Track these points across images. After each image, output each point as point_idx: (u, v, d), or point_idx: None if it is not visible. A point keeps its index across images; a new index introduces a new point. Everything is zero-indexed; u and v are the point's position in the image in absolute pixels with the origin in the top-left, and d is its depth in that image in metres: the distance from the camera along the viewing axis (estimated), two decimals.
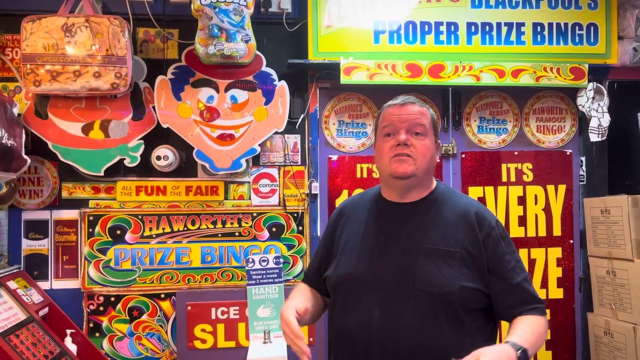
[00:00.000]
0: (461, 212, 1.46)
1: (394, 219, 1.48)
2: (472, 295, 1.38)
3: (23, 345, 2.10)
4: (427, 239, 1.41)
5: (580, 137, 3.05)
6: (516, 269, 1.42)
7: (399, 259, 1.41)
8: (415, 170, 1.43)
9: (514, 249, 1.46)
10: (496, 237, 1.42)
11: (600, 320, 2.83)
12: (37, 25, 2.40)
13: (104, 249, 2.69)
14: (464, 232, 1.42)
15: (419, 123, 1.45)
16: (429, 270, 1.37)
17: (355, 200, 1.64)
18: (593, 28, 2.89)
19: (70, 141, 2.61)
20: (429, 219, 1.45)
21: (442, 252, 1.39)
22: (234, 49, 2.49)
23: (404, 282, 1.37)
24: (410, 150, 1.43)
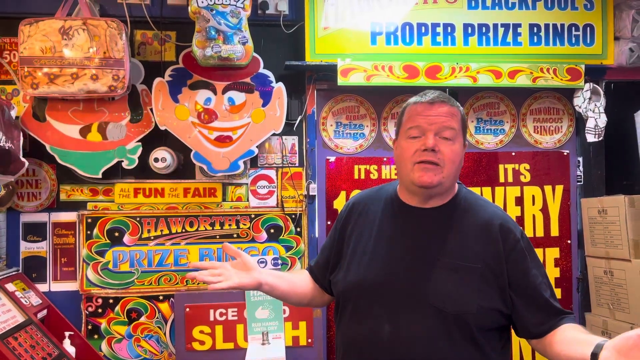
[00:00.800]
0: (484, 221, 1.34)
1: (410, 225, 1.37)
2: (489, 315, 1.29)
3: (21, 348, 2.10)
4: (445, 250, 1.30)
5: (577, 137, 3.06)
6: (542, 285, 1.31)
7: (413, 270, 1.30)
8: (442, 179, 1.30)
9: (539, 263, 1.35)
10: (521, 250, 1.31)
11: (598, 321, 2.83)
12: (34, 28, 2.41)
13: (102, 251, 2.69)
14: (486, 245, 1.31)
15: (448, 126, 1.31)
16: (446, 286, 1.27)
17: (369, 197, 1.51)
18: (589, 29, 2.90)
19: (68, 144, 2.62)
20: (449, 228, 1.34)
21: (461, 267, 1.28)
22: (231, 51, 2.49)
23: (417, 297, 1.27)
24: (438, 157, 1.29)
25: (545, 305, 1.30)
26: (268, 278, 1.39)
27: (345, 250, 1.44)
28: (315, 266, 1.58)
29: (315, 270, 1.57)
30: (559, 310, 1.31)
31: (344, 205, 1.55)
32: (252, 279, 1.35)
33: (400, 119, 1.41)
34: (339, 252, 1.47)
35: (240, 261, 1.38)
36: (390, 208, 1.42)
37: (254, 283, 1.35)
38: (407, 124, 1.35)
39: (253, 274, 1.36)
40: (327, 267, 1.51)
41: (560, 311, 1.31)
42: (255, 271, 1.36)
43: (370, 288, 1.33)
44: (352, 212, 1.49)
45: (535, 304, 1.30)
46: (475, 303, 1.26)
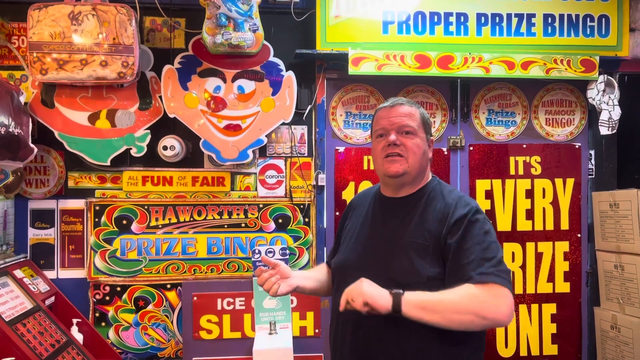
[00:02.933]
0: (443, 206, 1.50)
1: (385, 213, 1.59)
2: (438, 284, 1.38)
3: (30, 334, 2.10)
4: (408, 232, 1.50)
5: (589, 130, 3.02)
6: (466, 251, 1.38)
7: (381, 249, 1.52)
8: (407, 168, 1.51)
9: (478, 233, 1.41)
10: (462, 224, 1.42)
11: (607, 315, 2.82)
12: (43, 13, 2.39)
13: (110, 238, 2.69)
14: (440, 225, 1.46)
15: (407, 124, 1.53)
16: (402, 261, 1.46)
17: (364, 194, 1.76)
18: (604, 20, 2.85)
19: (76, 130, 2.60)
20: (413, 213, 1.53)
21: (416, 244, 1.46)
22: (242, 38, 2.47)
23: (379, 272, 1.46)
24: (401, 149, 1.51)
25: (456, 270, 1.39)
26: (300, 281, 1.60)
27: (342, 239, 1.70)
28: (329, 258, 1.80)
29: (329, 258, 1.81)
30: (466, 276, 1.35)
31: (350, 202, 1.79)
32: (290, 286, 1.56)
33: (371, 125, 1.65)
34: (339, 242, 1.72)
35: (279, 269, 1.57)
36: (374, 200, 1.66)
37: (292, 289, 1.57)
38: (374, 127, 1.60)
39: (291, 280, 1.56)
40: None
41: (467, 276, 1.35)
42: (292, 278, 1.57)
43: (348, 267, 1.57)
44: (350, 208, 1.75)
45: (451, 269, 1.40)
46: (425, 274, 1.42)
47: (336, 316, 1.59)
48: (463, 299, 1.32)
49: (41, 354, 2.06)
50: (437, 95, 2.92)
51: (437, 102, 2.92)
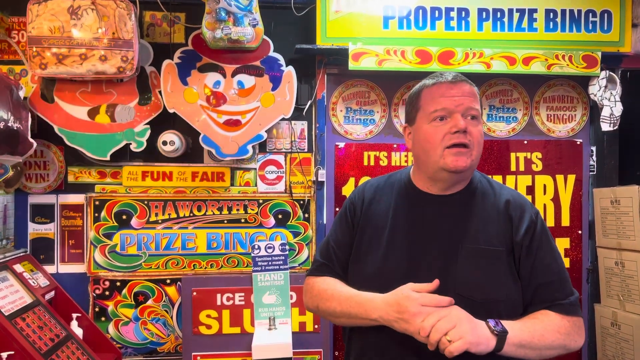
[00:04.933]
0: (502, 204, 1.32)
1: (429, 212, 1.32)
2: (517, 301, 1.27)
3: (29, 329, 2.10)
4: (468, 236, 1.27)
5: (591, 126, 3.01)
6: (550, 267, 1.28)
7: (436, 259, 1.26)
8: (473, 162, 1.27)
9: (552, 246, 1.32)
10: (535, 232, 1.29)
11: (607, 312, 2.81)
12: (42, 7, 2.38)
13: (110, 233, 2.69)
14: (505, 227, 1.29)
15: (473, 106, 1.27)
16: (472, 273, 1.24)
17: (379, 186, 1.45)
18: (607, 15, 2.83)
19: (76, 125, 2.60)
20: (469, 213, 1.30)
21: (486, 251, 1.25)
22: (241, 33, 2.45)
23: (443, 287, 1.20)
24: (469, 139, 1.25)
25: (538, 289, 1.27)
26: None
27: (358, 243, 1.38)
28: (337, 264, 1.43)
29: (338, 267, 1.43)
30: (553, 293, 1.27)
31: (353, 196, 1.48)
32: None
33: (416, 103, 1.34)
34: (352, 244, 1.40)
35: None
36: (404, 196, 1.37)
37: None
38: (429, 106, 1.29)
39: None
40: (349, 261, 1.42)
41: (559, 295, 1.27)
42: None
43: (391, 280, 1.25)
44: (363, 202, 1.42)
45: (530, 285, 1.28)
46: (504, 290, 1.24)
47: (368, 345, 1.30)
48: (557, 335, 1.23)
49: (40, 348, 2.06)
50: None
51: None
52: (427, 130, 1.29)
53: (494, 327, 1.13)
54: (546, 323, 1.23)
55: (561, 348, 1.25)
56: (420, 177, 1.37)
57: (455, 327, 1.09)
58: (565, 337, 1.25)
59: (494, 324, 1.14)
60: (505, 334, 1.14)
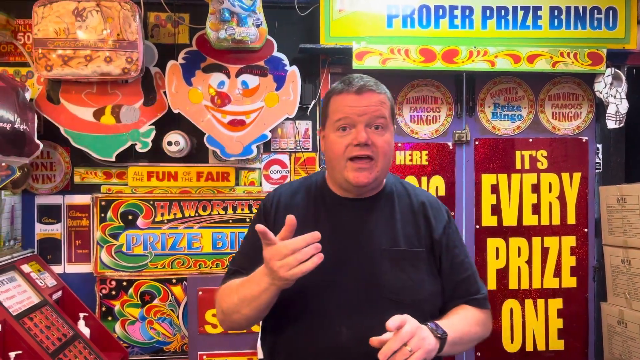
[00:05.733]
0: (418, 205, 1.35)
1: (348, 217, 1.30)
2: (439, 299, 1.31)
3: (37, 328, 2.12)
4: (389, 239, 1.28)
5: (596, 124, 2.99)
6: (464, 263, 1.36)
7: (361, 264, 1.25)
8: (377, 174, 1.26)
9: (462, 243, 1.40)
10: (450, 230, 1.36)
11: (614, 310, 2.80)
12: (48, 9, 2.40)
13: (116, 233, 2.71)
14: (423, 227, 1.31)
15: (379, 115, 1.25)
16: (397, 275, 1.25)
17: (292, 191, 1.39)
18: (612, 12, 2.82)
19: (82, 126, 2.62)
20: (387, 216, 1.31)
21: (408, 253, 1.27)
22: (245, 33, 2.46)
23: (371, 292, 1.22)
24: (372, 150, 1.24)
25: (457, 285, 1.34)
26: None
27: None
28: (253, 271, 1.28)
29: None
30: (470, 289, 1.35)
31: (266, 201, 1.40)
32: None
33: (325, 109, 1.33)
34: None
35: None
36: (322, 201, 1.34)
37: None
38: (334, 115, 1.27)
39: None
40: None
41: (474, 290, 1.36)
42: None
43: (316, 290, 1.23)
44: (278, 208, 1.35)
45: (450, 282, 1.33)
46: (427, 288, 1.28)
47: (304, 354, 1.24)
48: (477, 327, 1.31)
49: (48, 347, 2.08)
50: (442, 90, 2.90)
51: (442, 96, 2.91)
52: (333, 140, 1.27)
53: (435, 330, 1.14)
54: (469, 318, 1.30)
55: (479, 339, 1.33)
56: (333, 182, 1.36)
57: (415, 336, 1.06)
58: (483, 328, 1.34)
59: (434, 327, 1.15)
60: (446, 336, 1.16)
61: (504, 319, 2.93)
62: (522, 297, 2.93)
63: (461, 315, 1.30)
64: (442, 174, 2.89)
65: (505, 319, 2.93)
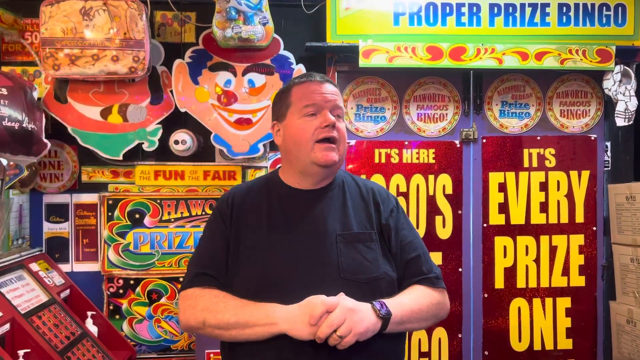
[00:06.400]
0: (368, 192, 1.45)
1: (302, 208, 1.37)
2: (394, 277, 1.38)
3: (45, 327, 2.13)
4: (342, 224, 1.35)
5: (605, 121, 2.97)
6: (411, 244, 1.42)
7: (317, 249, 1.31)
8: (340, 156, 1.37)
9: (411, 226, 1.48)
10: (397, 214, 1.44)
11: (623, 309, 2.78)
12: (55, 8, 2.40)
13: (123, 232, 2.71)
14: (372, 212, 1.41)
15: (339, 105, 1.38)
16: (353, 257, 1.31)
17: (246, 189, 1.46)
18: (621, 8, 2.79)
19: (89, 125, 2.62)
20: (339, 203, 1.40)
21: (360, 235, 1.35)
22: (252, 31, 2.46)
23: (329, 274, 1.28)
24: (336, 134, 1.35)
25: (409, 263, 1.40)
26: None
27: (236, 247, 1.35)
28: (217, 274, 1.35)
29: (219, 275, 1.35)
30: (420, 268, 1.41)
31: (220, 203, 1.45)
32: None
33: (286, 99, 1.40)
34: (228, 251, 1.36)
35: None
36: (276, 195, 1.41)
37: None
38: (300, 102, 1.35)
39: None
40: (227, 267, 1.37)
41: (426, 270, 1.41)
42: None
43: (279, 279, 1.28)
44: (233, 207, 1.40)
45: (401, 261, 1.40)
46: (382, 267, 1.35)
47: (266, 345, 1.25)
48: (430, 306, 1.36)
49: (56, 345, 2.09)
50: (450, 87, 2.89)
51: (450, 94, 2.89)
52: (299, 125, 1.35)
53: (379, 310, 1.22)
54: (420, 297, 1.35)
55: (434, 317, 1.39)
56: (290, 173, 1.42)
57: (345, 321, 1.15)
58: (437, 307, 1.38)
59: (379, 307, 1.23)
60: (390, 315, 1.23)
61: (512, 318, 2.91)
62: (530, 296, 2.92)
63: (413, 294, 1.35)
64: (449, 172, 2.88)
65: (513, 318, 2.91)
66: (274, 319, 1.21)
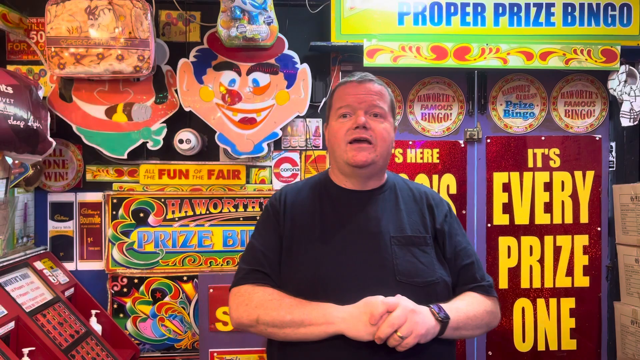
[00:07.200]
0: (421, 196, 1.44)
1: (354, 208, 1.36)
2: (449, 282, 1.36)
3: (50, 325, 2.14)
4: (395, 227, 1.34)
5: (610, 122, 2.96)
6: (465, 251, 1.41)
7: (371, 251, 1.30)
8: (376, 157, 1.34)
9: (464, 233, 1.47)
10: (450, 219, 1.43)
11: (627, 310, 2.77)
12: (61, 8, 2.41)
13: (128, 231, 2.72)
14: (428, 216, 1.40)
15: (377, 104, 1.36)
16: (409, 260, 1.30)
17: (297, 189, 1.47)
18: (626, 8, 2.78)
19: (94, 124, 2.63)
20: (392, 206, 1.38)
21: (415, 238, 1.34)
22: (256, 31, 2.46)
23: (384, 278, 1.27)
24: (370, 134, 1.33)
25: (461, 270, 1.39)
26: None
27: (289, 244, 1.35)
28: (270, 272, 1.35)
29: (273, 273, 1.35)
30: (475, 276, 1.40)
31: (272, 200, 1.46)
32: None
33: (329, 101, 1.45)
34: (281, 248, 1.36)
35: None
36: (327, 195, 1.41)
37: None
38: (336, 104, 1.38)
39: None
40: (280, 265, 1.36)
41: (480, 277, 1.40)
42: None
43: (333, 279, 1.27)
44: (286, 206, 1.41)
45: (455, 267, 1.39)
46: (438, 271, 1.33)
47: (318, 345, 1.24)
48: (484, 314, 1.34)
49: (61, 344, 2.10)
50: (454, 87, 2.89)
51: (454, 93, 2.89)
52: (334, 127, 1.38)
53: (438, 313, 1.20)
54: (476, 304, 1.33)
55: (486, 326, 1.36)
56: (336, 174, 1.45)
57: (406, 322, 1.13)
58: (490, 316, 1.36)
59: (437, 310, 1.21)
60: (448, 319, 1.21)
61: (516, 318, 2.91)
62: (534, 296, 2.91)
63: (467, 300, 1.33)
64: (453, 172, 2.88)
65: (517, 318, 2.91)
66: (332, 318, 1.20)
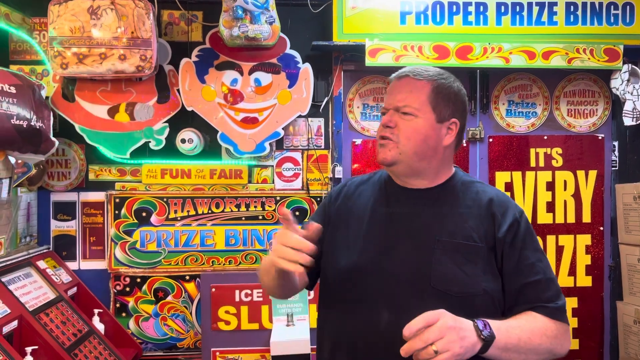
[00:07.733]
0: (485, 201, 1.29)
1: (405, 207, 1.31)
2: (496, 298, 1.23)
3: (52, 324, 2.15)
4: (444, 230, 1.24)
5: (613, 121, 2.95)
6: (534, 266, 1.25)
7: (412, 252, 1.24)
8: (399, 156, 1.26)
9: (537, 246, 1.29)
10: (518, 232, 1.26)
11: (630, 309, 2.76)
12: (63, 7, 2.42)
13: (130, 230, 2.72)
14: (486, 225, 1.25)
15: (407, 102, 1.27)
16: (448, 267, 1.21)
17: (362, 180, 1.45)
18: (629, 7, 2.78)
19: (96, 124, 2.64)
20: (448, 207, 1.28)
21: (463, 246, 1.22)
22: (258, 30, 2.46)
23: (418, 280, 1.21)
24: (392, 131, 1.27)
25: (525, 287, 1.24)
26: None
27: (332, 234, 1.36)
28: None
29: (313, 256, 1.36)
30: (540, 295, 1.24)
31: (334, 188, 1.50)
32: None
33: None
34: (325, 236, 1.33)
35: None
36: (383, 191, 1.37)
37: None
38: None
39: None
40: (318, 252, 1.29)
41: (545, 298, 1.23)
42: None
43: (366, 273, 1.25)
44: (340, 196, 1.42)
45: (514, 284, 1.24)
46: (481, 285, 1.20)
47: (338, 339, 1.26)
48: (543, 338, 1.19)
49: (64, 343, 2.10)
50: None
51: None
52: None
53: (481, 331, 1.09)
54: (533, 325, 1.19)
55: (547, 352, 1.22)
56: None
57: (444, 337, 1.03)
58: (553, 341, 1.21)
59: (482, 326, 1.09)
60: (493, 338, 1.09)
61: None
62: None
63: (523, 320, 1.20)
64: None
65: None
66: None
